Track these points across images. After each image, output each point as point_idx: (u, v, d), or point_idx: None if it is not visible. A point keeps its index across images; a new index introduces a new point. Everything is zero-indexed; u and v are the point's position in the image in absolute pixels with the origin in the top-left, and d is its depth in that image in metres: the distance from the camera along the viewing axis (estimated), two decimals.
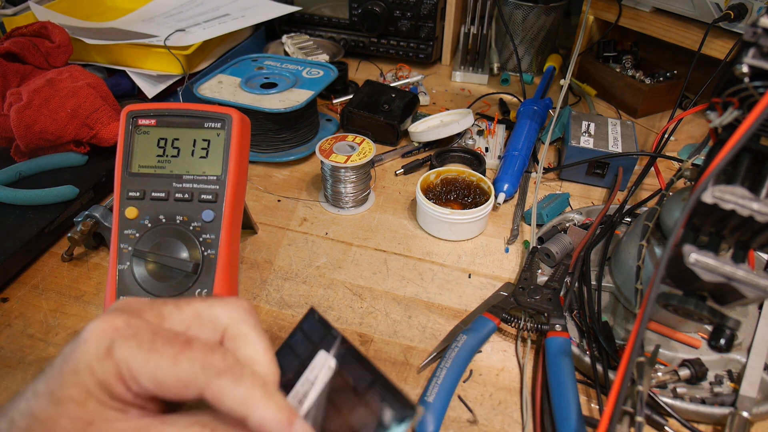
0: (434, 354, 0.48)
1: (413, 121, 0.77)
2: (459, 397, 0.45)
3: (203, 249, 0.45)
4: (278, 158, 0.71)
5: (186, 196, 0.46)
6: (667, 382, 0.44)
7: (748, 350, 0.45)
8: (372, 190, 0.68)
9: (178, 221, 0.45)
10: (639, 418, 0.35)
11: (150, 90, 0.76)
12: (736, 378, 0.45)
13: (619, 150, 0.66)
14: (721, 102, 0.36)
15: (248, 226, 0.60)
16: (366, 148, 0.62)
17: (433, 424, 0.40)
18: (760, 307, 0.49)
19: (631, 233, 0.51)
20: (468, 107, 0.82)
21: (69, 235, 0.54)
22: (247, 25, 0.85)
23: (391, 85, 0.83)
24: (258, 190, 0.68)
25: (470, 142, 0.76)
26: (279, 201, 0.66)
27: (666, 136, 0.70)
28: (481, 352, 0.49)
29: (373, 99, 0.78)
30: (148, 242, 0.45)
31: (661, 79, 0.83)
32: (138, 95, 0.79)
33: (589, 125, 0.70)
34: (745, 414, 0.41)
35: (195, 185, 0.46)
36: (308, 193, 0.68)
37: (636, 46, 0.89)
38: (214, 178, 0.46)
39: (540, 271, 0.54)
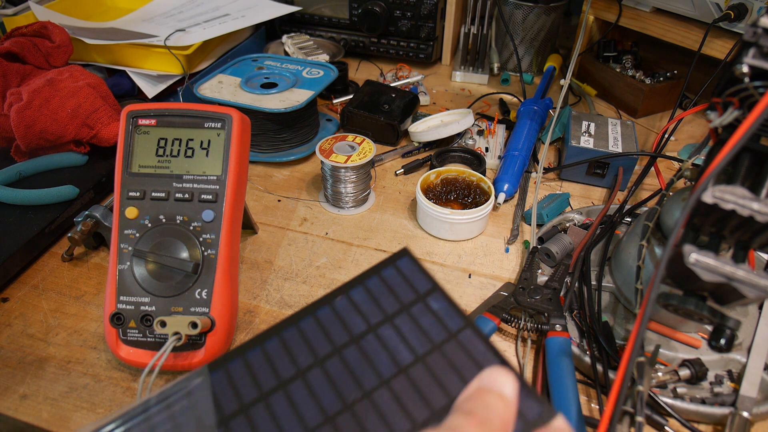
0: None
1: (413, 121, 0.77)
2: None
3: (203, 249, 0.45)
4: (278, 158, 0.71)
5: (186, 196, 0.46)
6: (667, 382, 0.44)
7: (748, 350, 0.45)
8: (372, 190, 0.68)
9: (178, 221, 0.45)
10: (639, 418, 0.35)
11: (150, 90, 0.76)
12: (736, 378, 0.45)
13: (619, 150, 0.66)
14: (722, 102, 0.36)
15: (248, 226, 0.60)
16: (366, 148, 0.62)
17: None
18: (760, 307, 0.49)
19: (631, 233, 0.51)
20: (468, 107, 0.82)
21: (69, 235, 0.54)
22: (247, 25, 0.85)
23: (391, 85, 0.83)
24: (258, 190, 0.68)
25: (470, 142, 0.76)
26: (279, 201, 0.66)
27: (666, 136, 0.70)
28: None
29: (373, 99, 0.78)
30: (148, 242, 0.45)
31: (661, 79, 0.83)
32: (138, 95, 0.79)
33: (589, 125, 0.70)
34: (745, 414, 0.41)
35: (195, 185, 0.46)
36: (308, 193, 0.68)
37: (636, 46, 0.89)
38: (214, 178, 0.46)
39: (540, 271, 0.54)
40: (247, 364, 0.27)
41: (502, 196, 0.64)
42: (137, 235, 0.45)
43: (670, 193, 0.49)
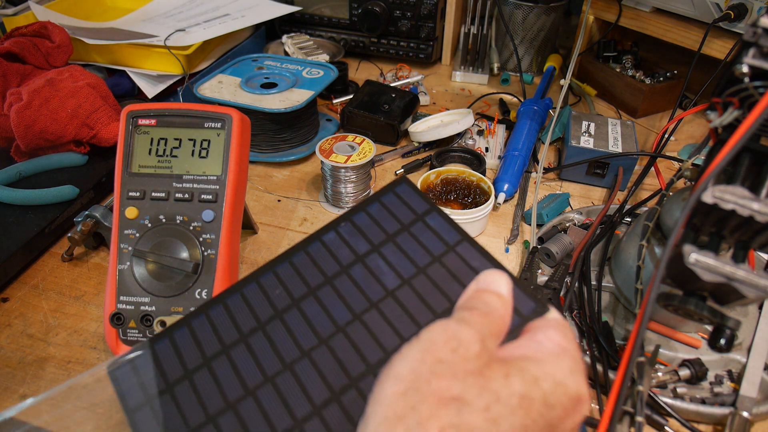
0: None
1: (413, 121, 0.77)
2: None
3: (203, 249, 0.45)
4: (278, 158, 0.71)
5: (186, 196, 0.46)
6: (667, 382, 0.44)
7: (748, 350, 0.45)
8: (372, 190, 0.68)
9: (178, 221, 0.45)
10: (639, 418, 0.36)
11: (150, 90, 0.76)
12: (736, 378, 0.45)
13: (619, 150, 0.66)
14: (721, 102, 0.36)
15: (248, 226, 0.60)
16: (366, 148, 0.62)
17: None
18: (760, 307, 0.49)
19: (631, 233, 0.51)
20: (468, 107, 0.82)
21: (69, 235, 0.54)
22: (247, 25, 0.85)
23: (391, 85, 0.83)
24: (258, 190, 0.68)
25: (470, 142, 0.76)
26: (279, 201, 0.66)
27: (666, 136, 0.70)
28: None
29: (373, 99, 0.78)
30: (148, 242, 0.45)
31: (661, 79, 0.83)
32: (138, 95, 0.79)
33: (589, 125, 0.70)
34: (745, 414, 0.41)
35: (195, 185, 0.46)
36: (308, 193, 0.68)
37: (636, 46, 0.89)
38: (214, 178, 0.46)
39: (540, 271, 0.54)
40: (276, 275, 0.30)
41: (502, 196, 0.64)
42: (137, 235, 0.45)
43: (670, 193, 0.49)
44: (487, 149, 0.75)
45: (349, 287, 0.29)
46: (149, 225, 0.45)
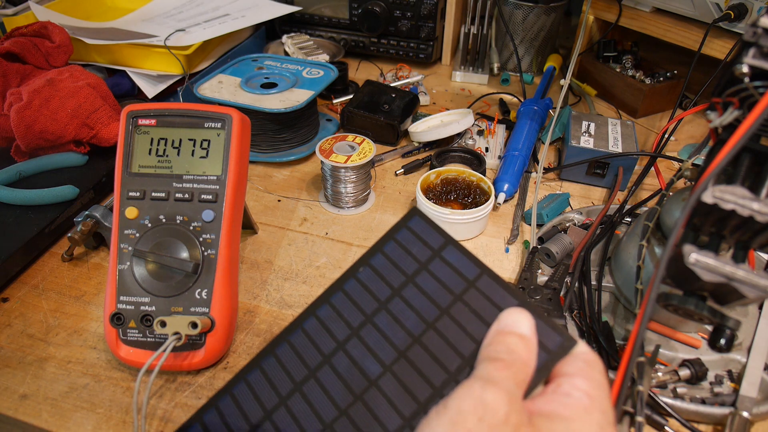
0: None
1: (413, 121, 0.77)
2: None
3: (203, 249, 0.45)
4: (278, 158, 0.71)
5: (186, 196, 0.46)
6: (667, 382, 0.44)
7: (748, 350, 0.45)
8: (372, 190, 0.68)
9: (178, 221, 0.45)
10: (639, 418, 0.36)
11: (150, 90, 0.76)
12: (737, 378, 0.45)
13: (619, 150, 0.66)
14: (722, 102, 0.36)
15: (248, 226, 0.60)
16: (366, 148, 0.62)
17: None
18: (760, 307, 0.49)
19: (631, 233, 0.51)
20: (468, 107, 0.82)
21: (69, 235, 0.54)
22: (247, 25, 0.85)
23: (391, 85, 0.83)
24: (258, 190, 0.68)
25: (470, 142, 0.76)
26: (279, 201, 0.66)
27: (666, 136, 0.70)
28: None
29: (373, 99, 0.78)
30: (148, 242, 0.45)
31: (661, 79, 0.83)
32: (138, 95, 0.79)
33: (589, 125, 0.70)
34: (745, 414, 0.41)
35: (195, 185, 0.46)
36: (308, 193, 0.68)
37: (636, 46, 0.89)
38: (214, 178, 0.46)
39: (540, 271, 0.54)
40: (305, 332, 0.31)
41: (502, 196, 0.64)
42: (137, 235, 0.45)
43: (670, 193, 0.49)
44: (487, 149, 0.75)
45: (375, 337, 0.29)
46: (149, 225, 0.45)
